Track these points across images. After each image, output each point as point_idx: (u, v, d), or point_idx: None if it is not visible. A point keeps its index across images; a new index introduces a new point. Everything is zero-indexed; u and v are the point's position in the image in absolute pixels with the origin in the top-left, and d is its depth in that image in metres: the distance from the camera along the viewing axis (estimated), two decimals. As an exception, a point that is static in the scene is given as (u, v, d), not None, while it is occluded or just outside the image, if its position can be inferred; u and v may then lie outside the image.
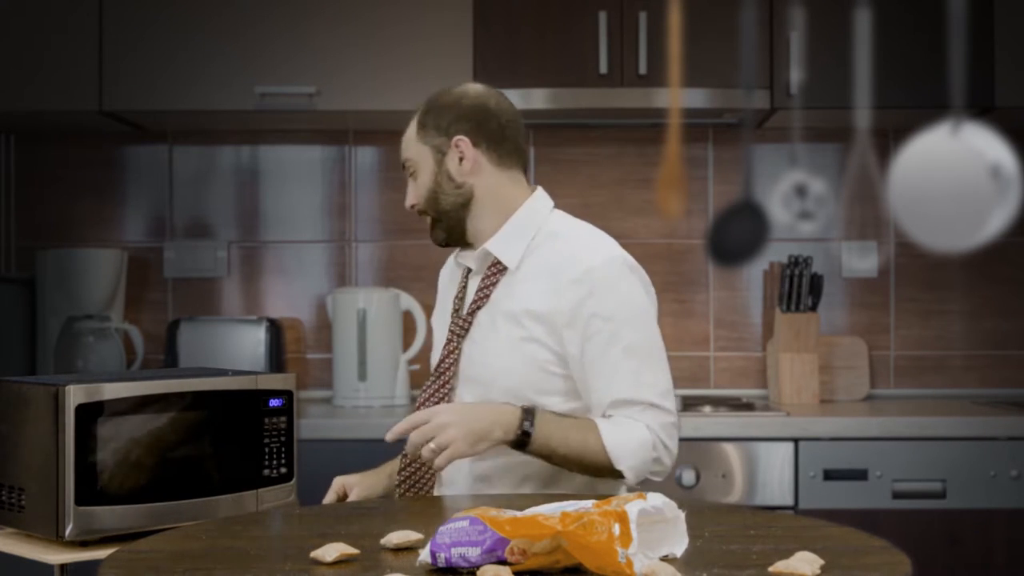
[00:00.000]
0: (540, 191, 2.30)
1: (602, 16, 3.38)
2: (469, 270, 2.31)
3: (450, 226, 2.25)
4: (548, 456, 2.14)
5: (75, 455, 2.05)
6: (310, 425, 3.15)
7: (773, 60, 3.34)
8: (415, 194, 2.26)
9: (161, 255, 3.84)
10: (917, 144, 1.14)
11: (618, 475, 2.16)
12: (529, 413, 2.11)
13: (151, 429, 2.16)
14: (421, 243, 3.81)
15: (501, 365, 2.20)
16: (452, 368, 2.24)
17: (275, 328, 3.63)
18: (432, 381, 2.28)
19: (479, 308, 2.23)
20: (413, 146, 2.25)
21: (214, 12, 3.42)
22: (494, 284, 2.23)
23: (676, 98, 2.95)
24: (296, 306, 3.84)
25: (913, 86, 3.20)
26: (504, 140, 2.23)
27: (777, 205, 1.24)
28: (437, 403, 2.24)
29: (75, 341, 3.60)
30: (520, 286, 2.21)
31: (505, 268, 2.22)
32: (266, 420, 2.31)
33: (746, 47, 1.31)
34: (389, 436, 2.10)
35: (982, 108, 3.34)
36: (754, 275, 3.81)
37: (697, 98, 3.38)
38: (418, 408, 2.22)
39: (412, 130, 2.26)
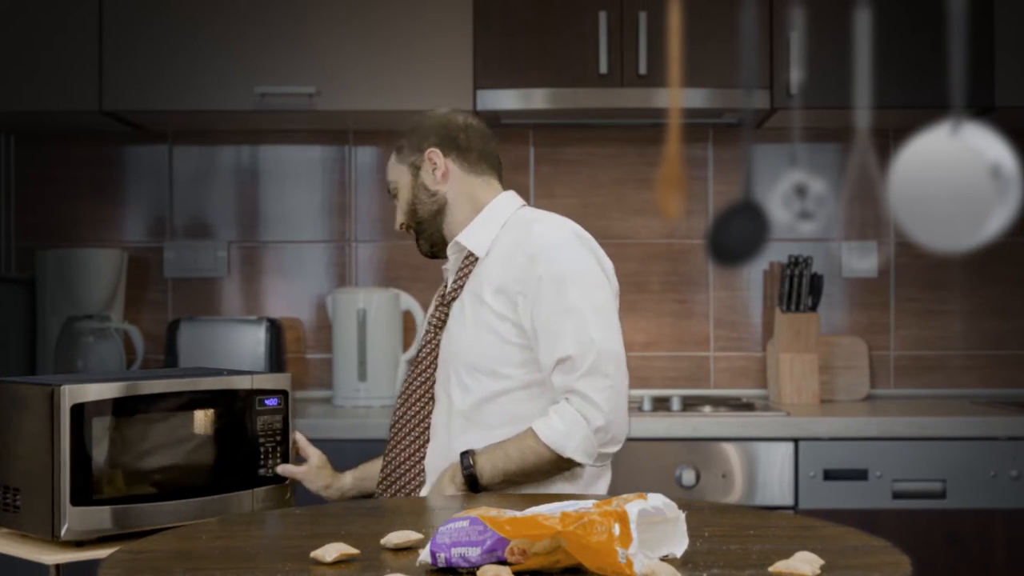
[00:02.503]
0: (511, 192, 2.44)
1: (602, 16, 3.38)
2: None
3: (430, 234, 2.41)
4: (507, 480, 2.22)
5: (70, 455, 2.05)
6: (310, 425, 3.15)
7: (773, 60, 3.34)
8: (400, 212, 2.43)
9: (161, 255, 3.83)
10: (917, 144, 1.14)
11: (573, 463, 2.22)
12: (467, 454, 2.22)
13: (147, 429, 2.16)
14: (421, 243, 3.81)
15: (465, 343, 2.30)
16: (429, 358, 2.36)
17: (275, 328, 3.63)
18: (410, 371, 2.40)
19: (454, 299, 2.35)
20: (393, 169, 2.44)
21: (214, 12, 3.42)
22: (467, 275, 2.35)
23: (676, 98, 2.95)
24: (296, 306, 3.83)
25: (913, 86, 3.20)
26: (471, 149, 2.40)
27: (777, 205, 1.24)
28: (415, 392, 2.37)
29: (75, 341, 3.60)
30: (490, 270, 2.32)
31: (476, 259, 2.34)
32: (261, 419, 2.31)
33: (746, 47, 1.31)
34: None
35: (982, 108, 3.34)
36: (754, 275, 3.81)
37: (697, 98, 3.38)
38: (400, 400, 2.38)
39: (392, 158, 2.45)
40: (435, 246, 2.42)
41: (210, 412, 2.24)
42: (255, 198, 3.85)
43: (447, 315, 2.36)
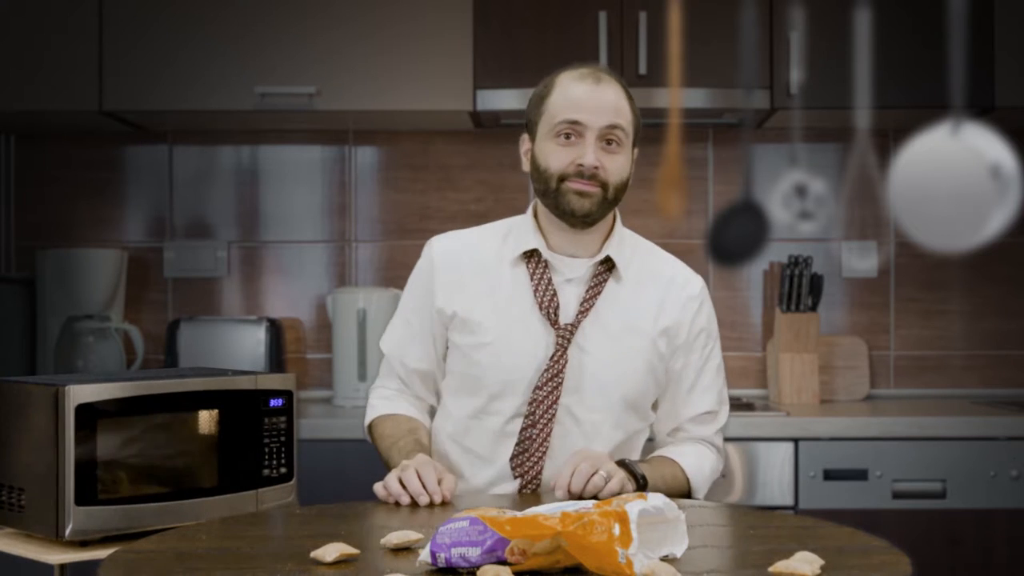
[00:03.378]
0: None
1: (602, 16, 3.38)
2: (542, 267, 2.24)
3: (603, 211, 2.22)
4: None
5: (75, 455, 2.05)
6: (310, 425, 3.15)
7: (773, 60, 3.34)
8: (613, 166, 2.20)
9: (161, 255, 3.83)
10: (917, 144, 1.14)
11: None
12: (631, 463, 2.14)
13: (151, 429, 2.16)
14: (421, 243, 3.81)
15: (624, 374, 2.23)
16: (560, 376, 2.18)
17: (275, 328, 3.63)
18: (539, 390, 2.18)
19: (585, 316, 2.21)
20: (631, 127, 2.23)
21: (214, 12, 3.42)
22: (598, 293, 2.23)
23: (676, 98, 2.96)
24: (296, 306, 3.83)
25: (913, 86, 3.20)
26: None
27: (777, 205, 1.24)
28: (546, 413, 2.17)
29: (75, 341, 3.60)
30: (638, 300, 2.25)
31: (607, 278, 2.24)
32: (266, 420, 2.31)
33: (746, 47, 1.31)
34: (559, 493, 2.03)
35: (982, 108, 3.34)
36: (754, 275, 3.81)
37: (697, 98, 3.38)
38: (527, 422, 2.18)
39: (629, 111, 2.22)
40: (595, 219, 2.22)
41: (215, 412, 2.24)
42: (255, 198, 3.85)
43: (575, 331, 2.20)
